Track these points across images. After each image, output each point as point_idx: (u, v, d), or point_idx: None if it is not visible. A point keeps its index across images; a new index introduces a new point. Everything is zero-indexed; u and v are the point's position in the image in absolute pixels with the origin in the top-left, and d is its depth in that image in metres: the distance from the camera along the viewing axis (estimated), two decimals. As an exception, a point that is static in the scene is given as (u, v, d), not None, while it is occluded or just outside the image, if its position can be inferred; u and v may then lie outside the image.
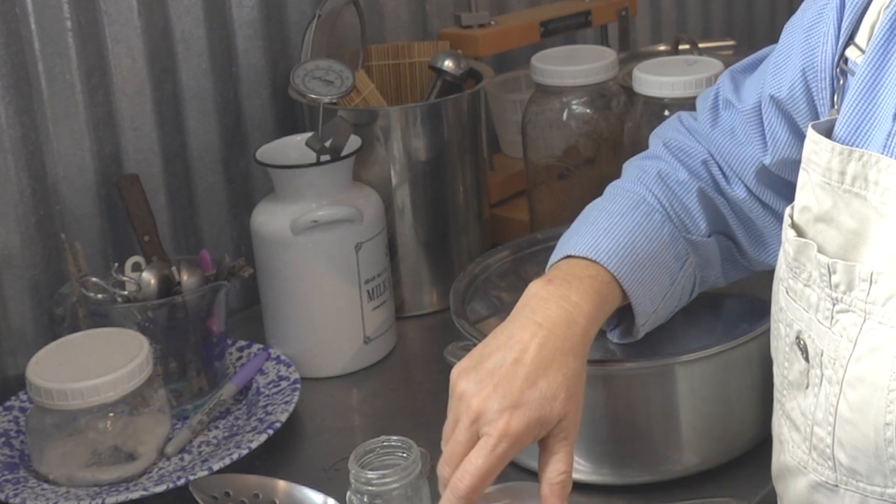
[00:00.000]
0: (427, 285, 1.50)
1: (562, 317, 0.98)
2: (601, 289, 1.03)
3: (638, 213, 1.10)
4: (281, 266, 1.34)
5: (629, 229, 1.08)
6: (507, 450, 0.93)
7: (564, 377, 0.95)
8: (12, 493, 1.12)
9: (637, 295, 1.06)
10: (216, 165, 1.53)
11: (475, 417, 0.94)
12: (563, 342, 0.97)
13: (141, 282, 1.26)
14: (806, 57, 0.98)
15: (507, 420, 0.93)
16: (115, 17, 1.40)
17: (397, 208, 1.47)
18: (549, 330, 0.97)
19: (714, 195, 1.13)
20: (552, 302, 0.99)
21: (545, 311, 0.99)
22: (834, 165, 0.87)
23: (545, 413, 0.94)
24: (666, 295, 1.10)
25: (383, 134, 1.44)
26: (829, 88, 0.96)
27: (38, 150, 1.34)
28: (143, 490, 1.11)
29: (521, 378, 0.94)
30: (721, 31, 2.27)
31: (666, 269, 1.09)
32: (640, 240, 1.07)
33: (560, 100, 1.52)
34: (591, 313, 1.00)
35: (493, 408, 0.93)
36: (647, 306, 1.08)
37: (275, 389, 1.28)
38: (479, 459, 0.92)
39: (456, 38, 1.64)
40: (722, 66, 1.46)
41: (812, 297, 0.88)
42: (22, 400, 1.26)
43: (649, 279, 1.07)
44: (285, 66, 1.56)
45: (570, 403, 0.95)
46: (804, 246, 0.89)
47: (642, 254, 1.07)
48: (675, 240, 1.11)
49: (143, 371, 1.16)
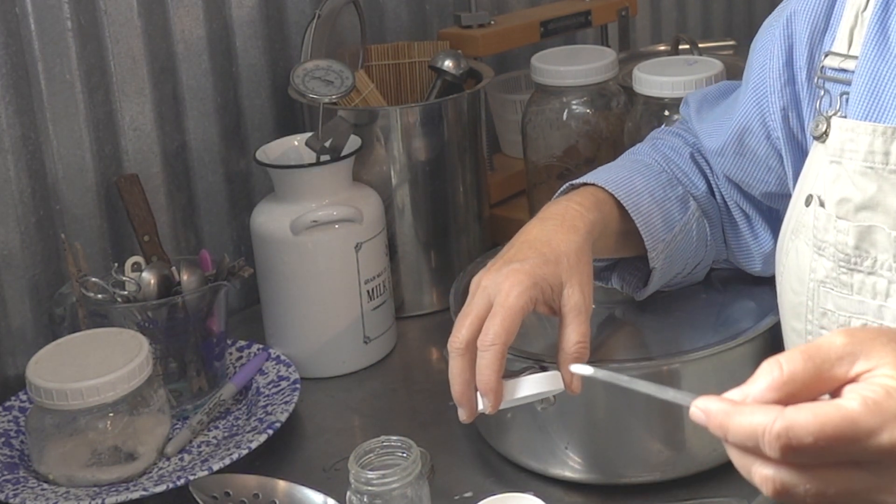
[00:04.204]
0: (427, 285, 1.50)
1: (564, 209, 1.07)
2: (600, 203, 1.09)
3: (636, 162, 1.16)
4: (281, 266, 1.34)
5: (626, 168, 1.14)
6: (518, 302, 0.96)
7: (567, 247, 1.02)
8: (12, 493, 1.12)
9: (640, 216, 1.10)
10: (216, 165, 1.53)
11: (486, 283, 0.99)
12: (563, 221, 1.05)
13: (141, 282, 1.26)
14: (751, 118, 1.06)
15: (513, 271, 0.98)
16: (115, 17, 1.40)
17: (397, 208, 1.47)
18: (552, 218, 1.06)
19: (703, 162, 1.18)
20: (554, 204, 1.09)
21: (547, 210, 1.08)
22: (877, 147, 0.87)
23: (549, 272, 0.99)
24: (673, 230, 1.12)
25: (383, 134, 1.44)
26: (798, 115, 1.01)
27: (38, 150, 1.34)
28: (143, 490, 1.11)
29: (525, 250, 1.02)
30: (721, 31, 2.27)
31: (666, 206, 1.13)
32: (638, 177, 1.13)
33: (560, 100, 1.52)
34: (592, 215, 1.07)
35: (501, 270, 0.99)
36: (651, 229, 1.10)
37: (275, 389, 1.28)
38: (496, 316, 0.96)
39: (456, 38, 1.64)
40: (722, 66, 1.46)
41: (880, 284, 0.88)
42: (22, 400, 1.26)
43: (647, 206, 1.11)
44: (285, 66, 1.56)
45: (574, 272, 1.00)
46: (867, 231, 0.89)
47: (640, 186, 1.12)
48: (674, 185, 1.15)
49: (142, 371, 1.16)
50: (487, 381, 0.95)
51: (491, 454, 1.19)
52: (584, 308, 1.00)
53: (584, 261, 1.02)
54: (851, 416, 0.61)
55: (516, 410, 1.13)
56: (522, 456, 1.15)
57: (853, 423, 0.61)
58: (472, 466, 1.18)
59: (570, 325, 0.99)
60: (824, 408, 0.62)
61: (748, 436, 0.63)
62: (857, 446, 0.62)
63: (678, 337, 1.15)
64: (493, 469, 1.17)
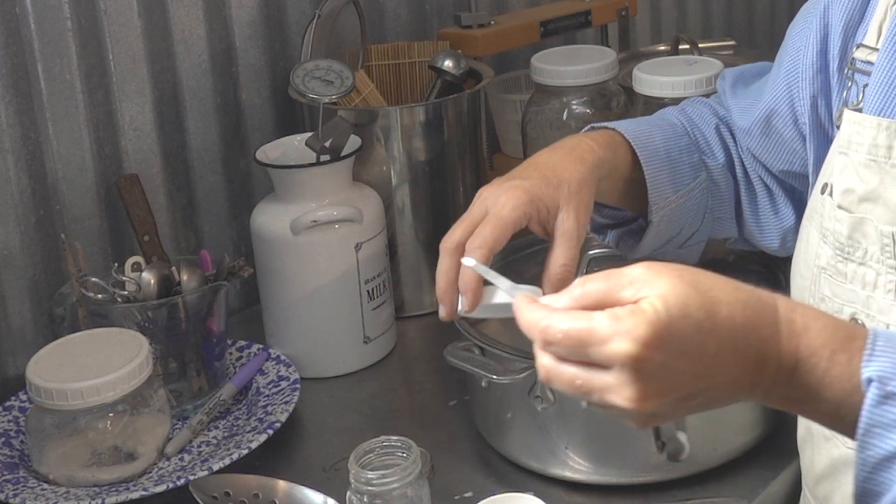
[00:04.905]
0: (427, 285, 1.50)
1: (576, 141, 1.10)
2: (614, 145, 1.12)
3: (661, 120, 1.19)
4: (281, 266, 1.34)
5: (650, 123, 1.18)
6: (511, 214, 1.00)
7: (570, 175, 1.05)
8: (12, 493, 1.12)
9: (650, 168, 1.12)
10: (216, 165, 1.53)
11: (485, 195, 1.02)
12: (572, 152, 1.08)
13: (141, 282, 1.26)
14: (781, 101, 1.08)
15: (513, 187, 1.02)
16: (115, 17, 1.40)
17: (397, 208, 1.47)
18: (563, 147, 1.09)
19: (727, 135, 1.19)
20: (569, 137, 1.12)
21: (561, 140, 1.11)
22: (881, 141, 0.89)
23: (547, 194, 1.02)
24: (679, 192, 1.14)
25: (383, 134, 1.44)
26: (827, 103, 1.02)
27: (38, 150, 1.34)
28: (143, 490, 1.11)
29: (530, 170, 1.05)
30: (721, 31, 2.27)
31: (679, 167, 1.15)
32: (658, 133, 1.15)
33: (560, 100, 1.53)
34: (602, 153, 1.09)
35: (502, 185, 1.03)
36: (658, 184, 1.12)
37: (275, 389, 1.28)
38: (487, 224, 1.00)
39: (456, 38, 1.64)
40: (722, 66, 1.46)
41: (869, 275, 0.90)
42: (22, 400, 1.26)
43: (660, 161, 1.13)
44: (285, 66, 1.56)
45: (573, 200, 1.03)
46: (860, 222, 0.90)
47: (658, 142, 1.14)
48: (692, 151, 1.17)
49: (143, 371, 1.16)
50: (468, 282, 0.98)
51: (491, 454, 1.19)
52: (576, 235, 1.03)
53: (585, 192, 1.05)
54: (591, 325, 0.72)
55: (516, 410, 1.13)
56: (522, 456, 1.15)
57: (590, 331, 0.72)
58: (472, 466, 1.18)
59: (559, 249, 1.02)
60: (578, 314, 0.73)
61: (527, 328, 0.75)
62: (591, 349, 0.72)
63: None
64: (493, 469, 1.17)
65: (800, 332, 0.75)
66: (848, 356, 0.74)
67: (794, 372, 0.74)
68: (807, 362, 0.74)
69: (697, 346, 0.72)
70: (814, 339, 0.74)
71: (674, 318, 0.71)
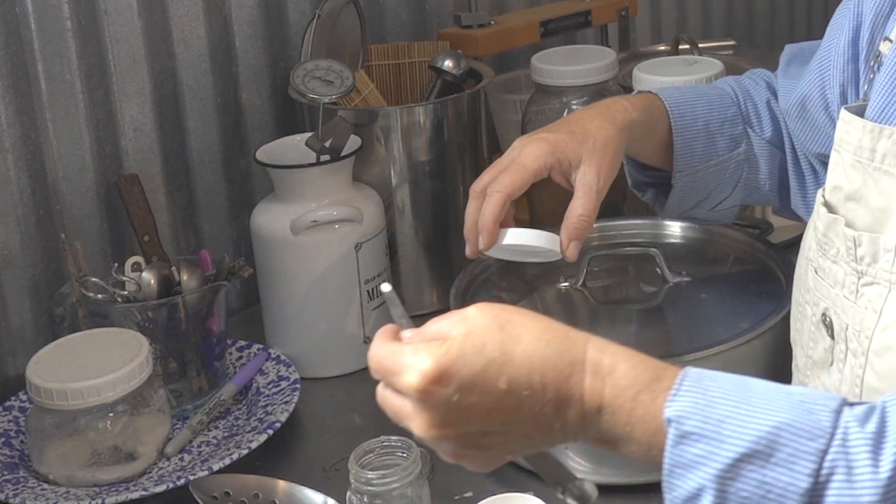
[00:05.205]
0: (427, 285, 1.50)
1: (612, 102, 1.16)
2: (651, 108, 1.16)
3: (713, 89, 1.22)
4: (281, 266, 1.34)
5: (697, 91, 1.22)
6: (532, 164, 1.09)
7: (597, 132, 1.11)
8: (12, 493, 1.12)
9: (681, 137, 1.16)
10: (216, 165, 1.53)
11: (516, 144, 1.12)
12: (604, 111, 1.13)
13: (141, 282, 1.26)
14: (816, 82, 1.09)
15: (539, 139, 1.10)
16: (115, 17, 1.40)
17: (397, 208, 1.47)
18: (597, 107, 1.16)
19: (779, 112, 1.22)
20: (606, 99, 1.19)
21: (599, 101, 1.18)
22: (865, 143, 0.89)
23: (571, 147, 1.09)
24: (709, 163, 1.18)
25: (383, 134, 1.44)
26: (855, 93, 1.02)
27: (38, 150, 1.34)
28: (143, 490, 1.11)
29: (561, 125, 1.14)
30: (721, 31, 2.27)
31: (714, 139, 1.18)
32: (703, 103, 1.19)
33: (560, 100, 1.52)
34: (636, 115, 1.14)
35: (532, 136, 1.12)
36: (686, 152, 1.17)
37: (275, 389, 1.28)
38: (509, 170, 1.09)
39: (456, 38, 1.64)
40: (722, 66, 1.46)
41: (839, 274, 0.90)
42: (22, 400, 1.26)
43: (695, 132, 1.17)
44: (285, 66, 1.56)
45: (596, 154, 1.10)
46: (833, 221, 0.91)
47: (700, 111, 1.18)
48: (736, 123, 1.20)
49: (143, 371, 1.16)
50: (485, 222, 1.08)
51: (491, 454, 1.18)
52: (596, 188, 1.10)
53: (610, 149, 1.11)
54: (394, 357, 0.76)
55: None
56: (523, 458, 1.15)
57: (392, 362, 0.76)
58: (472, 466, 1.17)
59: (578, 199, 1.10)
60: (391, 346, 0.78)
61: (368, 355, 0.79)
62: (392, 379, 0.76)
63: (679, 336, 1.15)
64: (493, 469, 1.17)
65: (606, 372, 0.75)
66: (651, 396, 0.74)
67: (600, 413, 0.74)
68: (612, 403, 0.74)
69: (486, 381, 0.74)
70: (619, 380, 0.74)
71: (464, 354, 0.74)
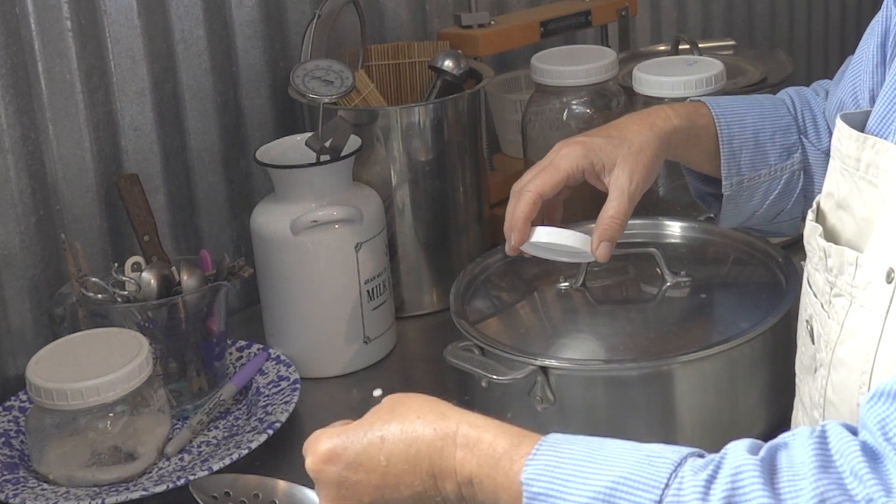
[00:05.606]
0: (427, 285, 1.50)
1: (655, 110, 1.18)
2: (695, 117, 1.17)
3: (767, 99, 1.22)
4: (281, 266, 1.34)
5: (748, 101, 1.22)
6: (565, 166, 1.12)
7: (634, 137, 1.13)
8: (12, 493, 1.12)
9: (727, 146, 1.17)
10: (216, 165, 1.53)
11: (556, 147, 1.14)
12: (645, 118, 1.15)
13: (141, 282, 1.26)
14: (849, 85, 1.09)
15: (575, 142, 1.13)
16: (115, 17, 1.40)
17: (397, 208, 1.47)
18: (639, 113, 1.18)
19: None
20: (649, 108, 1.20)
21: (644, 109, 1.20)
22: (851, 152, 0.89)
23: (606, 151, 1.12)
24: (760, 171, 1.18)
25: (383, 134, 1.44)
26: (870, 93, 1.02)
27: (38, 150, 1.34)
28: (143, 490, 1.11)
29: (600, 130, 1.16)
30: (721, 31, 2.27)
31: (764, 148, 1.18)
32: (753, 113, 1.19)
33: (560, 100, 1.52)
34: (678, 122, 1.16)
35: (570, 139, 1.15)
36: (733, 161, 1.18)
37: (275, 389, 1.28)
38: (543, 171, 1.12)
39: (456, 38, 1.64)
40: (722, 66, 1.46)
41: (819, 282, 0.90)
42: (22, 400, 1.26)
43: (742, 140, 1.17)
44: (285, 66, 1.56)
45: (630, 159, 1.12)
46: (812, 229, 0.91)
47: (750, 122, 1.18)
48: (789, 133, 1.19)
49: (143, 371, 1.16)
50: (515, 220, 1.11)
51: (491, 454, 1.18)
52: (628, 191, 1.11)
53: (646, 154, 1.13)
54: (312, 437, 0.87)
55: (516, 410, 1.13)
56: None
57: (307, 443, 0.87)
58: (472, 466, 1.17)
59: (611, 202, 1.12)
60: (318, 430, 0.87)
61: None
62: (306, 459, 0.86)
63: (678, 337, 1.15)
64: (493, 469, 1.17)
65: (473, 444, 0.80)
66: (510, 463, 0.78)
67: (471, 484, 0.79)
68: (479, 473, 0.79)
69: (369, 458, 0.82)
70: (484, 450, 0.79)
71: (351, 436, 0.83)
